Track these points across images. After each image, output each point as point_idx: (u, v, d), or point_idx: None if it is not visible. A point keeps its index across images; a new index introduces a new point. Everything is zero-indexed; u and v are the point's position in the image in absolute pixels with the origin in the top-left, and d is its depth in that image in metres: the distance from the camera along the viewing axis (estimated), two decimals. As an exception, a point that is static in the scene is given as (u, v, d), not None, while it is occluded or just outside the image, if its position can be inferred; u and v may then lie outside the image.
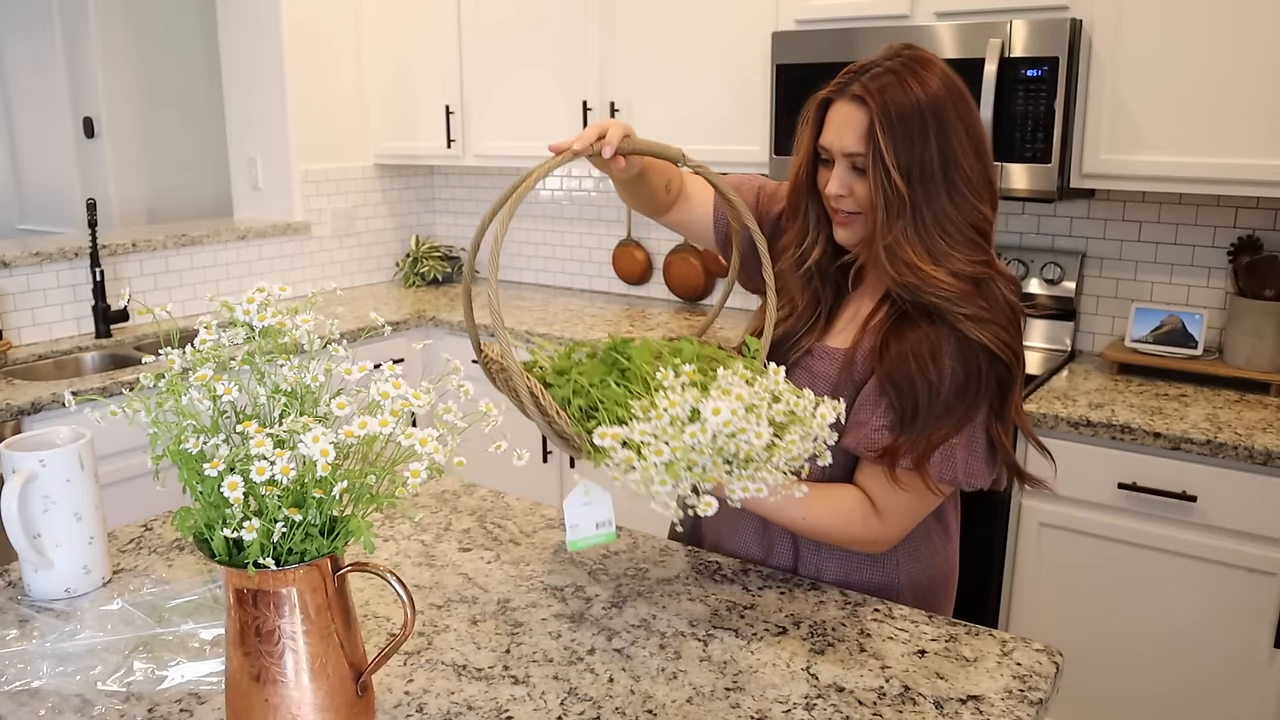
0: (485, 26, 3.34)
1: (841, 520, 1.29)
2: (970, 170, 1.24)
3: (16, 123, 4.86)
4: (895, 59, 1.25)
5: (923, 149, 1.22)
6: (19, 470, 1.23)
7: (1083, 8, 2.29)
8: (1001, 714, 1.05)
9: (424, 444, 0.91)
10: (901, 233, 1.23)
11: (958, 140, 1.23)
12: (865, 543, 1.31)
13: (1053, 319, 2.71)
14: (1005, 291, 1.25)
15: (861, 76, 1.25)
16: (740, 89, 2.82)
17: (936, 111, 1.22)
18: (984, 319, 1.22)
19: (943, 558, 1.42)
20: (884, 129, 1.22)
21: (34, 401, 2.39)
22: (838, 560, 1.37)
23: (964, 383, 1.23)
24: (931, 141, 1.22)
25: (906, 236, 1.23)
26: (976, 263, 1.24)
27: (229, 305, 0.97)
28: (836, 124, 1.27)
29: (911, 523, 1.32)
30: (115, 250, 3.07)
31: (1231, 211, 2.48)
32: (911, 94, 1.22)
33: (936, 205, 1.23)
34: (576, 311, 3.34)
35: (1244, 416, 2.15)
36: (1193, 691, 2.13)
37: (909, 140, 1.22)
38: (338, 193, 3.72)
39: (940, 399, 1.23)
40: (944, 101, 1.23)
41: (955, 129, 1.23)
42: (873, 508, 1.29)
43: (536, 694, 1.08)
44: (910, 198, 1.22)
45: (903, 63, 1.24)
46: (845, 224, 1.31)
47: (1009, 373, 1.25)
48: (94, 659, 1.14)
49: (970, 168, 1.24)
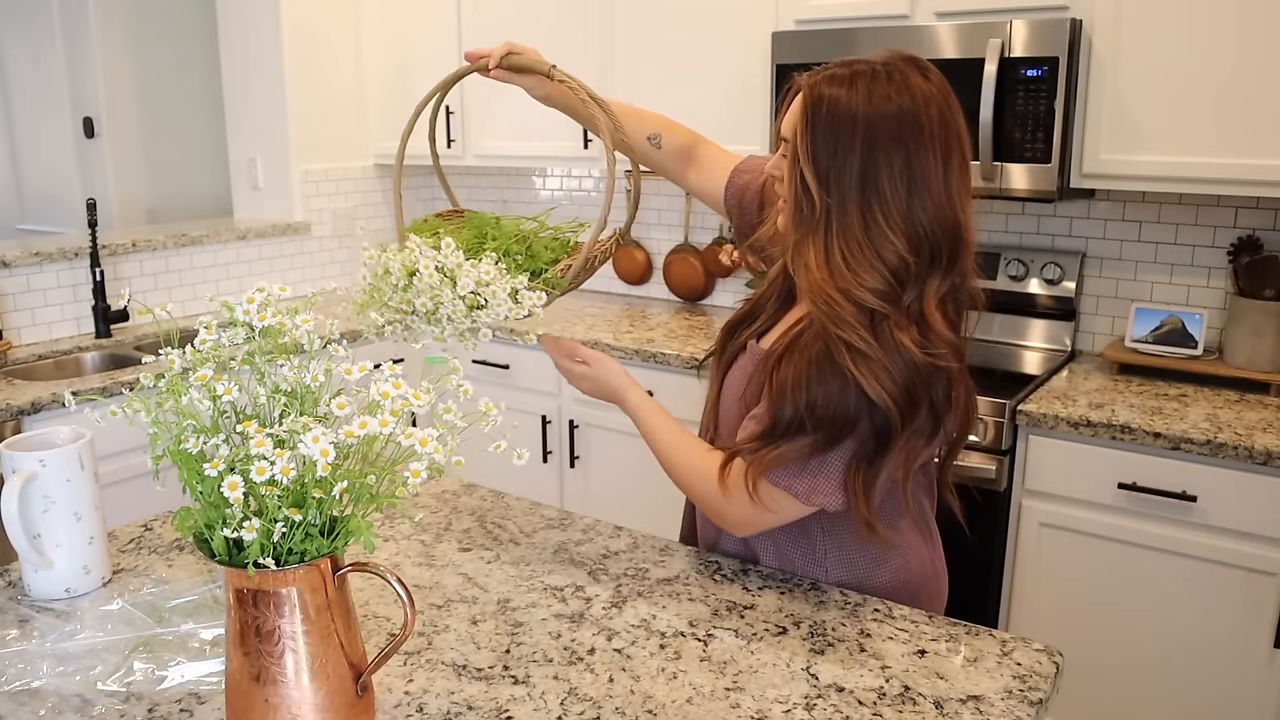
0: (485, 27, 3.34)
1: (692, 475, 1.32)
2: (893, 203, 1.15)
3: (16, 123, 4.86)
4: (876, 64, 1.19)
5: (845, 159, 1.16)
6: (19, 470, 1.23)
7: (1083, 8, 2.29)
8: (1001, 714, 1.05)
9: (424, 444, 0.91)
10: (809, 234, 1.19)
11: (885, 165, 1.15)
12: (713, 511, 1.31)
13: (1053, 319, 2.71)
14: (904, 340, 1.14)
15: (825, 69, 1.21)
16: (740, 89, 2.82)
17: (872, 127, 1.15)
18: (867, 355, 1.14)
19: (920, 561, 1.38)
20: (809, 125, 1.18)
21: (34, 401, 2.39)
22: (813, 563, 1.36)
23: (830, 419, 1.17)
24: (855, 156, 1.15)
25: (814, 241, 1.19)
26: (876, 295, 1.15)
27: (229, 305, 0.97)
28: (787, 109, 1.24)
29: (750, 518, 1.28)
30: (115, 250, 3.07)
31: (1231, 211, 2.48)
32: (853, 101, 1.16)
33: (847, 222, 1.16)
34: (576, 311, 3.34)
35: (1244, 416, 2.15)
36: (1193, 691, 2.13)
37: (832, 145, 1.16)
38: (338, 193, 3.72)
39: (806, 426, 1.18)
40: (888, 122, 1.15)
41: (889, 154, 1.15)
42: (722, 478, 1.27)
43: (536, 694, 1.08)
44: (822, 201, 1.17)
45: (876, 69, 1.18)
46: (780, 210, 1.28)
47: (887, 427, 1.16)
48: (94, 659, 1.14)
49: (894, 199, 1.15)
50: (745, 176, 1.55)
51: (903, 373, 1.14)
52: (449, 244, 1.28)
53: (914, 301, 1.17)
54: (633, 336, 2.94)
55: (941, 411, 1.19)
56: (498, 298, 1.27)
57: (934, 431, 1.20)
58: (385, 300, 1.31)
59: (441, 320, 1.28)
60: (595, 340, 2.90)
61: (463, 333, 1.30)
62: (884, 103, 1.16)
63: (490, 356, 3.16)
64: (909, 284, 1.17)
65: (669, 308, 3.41)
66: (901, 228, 1.16)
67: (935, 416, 1.19)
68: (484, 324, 1.29)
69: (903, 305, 1.17)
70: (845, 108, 1.16)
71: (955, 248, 1.18)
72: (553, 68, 1.44)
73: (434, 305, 1.27)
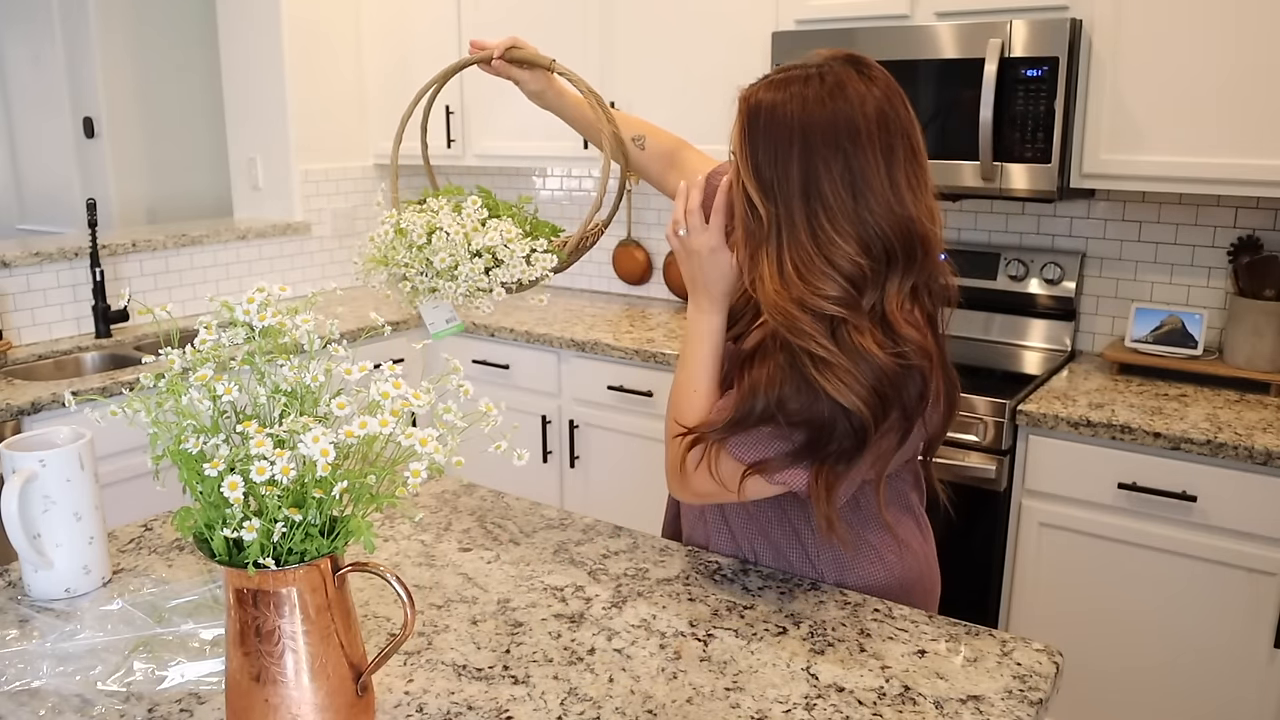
0: (485, 27, 3.33)
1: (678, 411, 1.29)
2: (837, 208, 1.14)
3: (16, 123, 4.86)
4: (811, 68, 1.18)
5: (785, 167, 1.15)
6: (19, 470, 1.23)
7: (1083, 8, 2.29)
8: (1001, 714, 1.05)
9: (424, 444, 0.91)
10: (760, 246, 1.18)
11: (828, 172, 1.14)
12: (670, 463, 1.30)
13: (1053, 319, 2.71)
14: (866, 343, 1.13)
15: (766, 78, 1.20)
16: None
17: (809, 133, 1.14)
18: (830, 363, 1.13)
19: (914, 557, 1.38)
20: (747, 135, 1.17)
21: (34, 401, 2.39)
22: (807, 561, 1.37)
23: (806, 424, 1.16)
24: (794, 163, 1.14)
25: (766, 253, 1.17)
26: (832, 302, 1.13)
27: (229, 305, 0.97)
28: None
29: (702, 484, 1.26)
30: (115, 250, 3.07)
31: (1231, 211, 2.48)
32: (789, 108, 1.15)
33: (795, 231, 1.15)
34: (576, 311, 3.34)
35: (1244, 416, 2.15)
36: (1193, 691, 2.13)
37: (772, 154, 1.15)
38: (338, 193, 3.72)
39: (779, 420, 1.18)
40: (825, 129, 1.14)
41: (828, 160, 1.14)
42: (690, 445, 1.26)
43: (536, 694, 1.08)
44: (767, 211, 1.16)
45: (810, 73, 1.17)
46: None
47: (864, 428, 1.15)
48: (94, 659, 1.14)
49: (839, 206, 1.14)
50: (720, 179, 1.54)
51: (869, 376, 1.13)
52: (474, 201, 1.37)
53: (875, 304, 1.16)
54: (633, 336, 2.94)
55: (913, 412, 1.18)
56: (515, 258, 1.34)
57: (905, 431, 1.20)
58: (398, 260, 1.37)
59: (458, 278, 1.34)
60: (595, 340, 2.90)
61: (474, 291, 1.36)
62: (817, 107, 1.14)
63: (490, 356, 3.16)
64: (866, 287, 1.15)
65: (669, 308, 3.41)
66: (850, 232, 1.14)
67: (906, 416, 1.18)
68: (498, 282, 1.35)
69: (863, 309, 1.15)
70: (781, 115, 1.15)
71: (910, 245, 1.16)
72: (553, 61, 1.48)
73: (453, 263, 1.33)
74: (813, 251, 1.14)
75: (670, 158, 1.63)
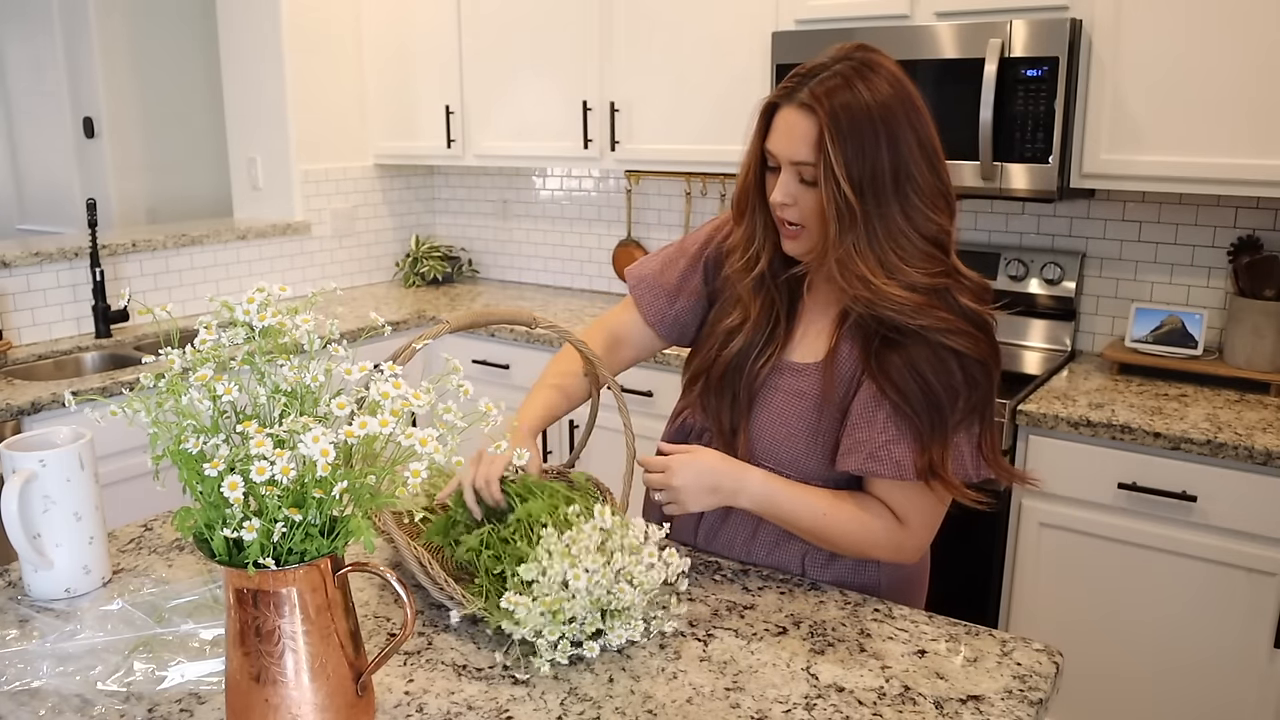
0: (485, 26, 3.34)
1: (861, 528, 1.29)
2: (923, 180, 1.20)
3: (16, 123, 4.86)
4: (844, 62, 1.20)
5: (874, 159, 1.17)
6: (19, 470, 1.23)
7: (1083, 8, 2.29)
8: (1001, 714, 1.05)
9: (424, 444, 0.91)
10: (853, 245, 1.19)
11: (908, 149, 1.19)
12: (890, 549, 1.31)
13: (1053, 319, 2.71)
14: (967, 301, 1.23)
15: (809, 81, 1.20)
16: (740, 89, 2.82)
17: (887, 119, 1.18)
18: (950, 329, 1.21)
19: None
20: (834, 139, 1.17)
21: (34, 401, 2.39)
22: (811, 559, 1.37)
23: (958, 390, 1.22)
24: (883, 151, 1.17)
25: (859, 250, 1.19)
26: (934, 274, 1.21)
27: (229, 305, 0.96)
28: (784, 130, 1.22)
29: (935, 525, 1.32)
30: (115, 250, 3.07)
31: (1231, 211, 2.48)
32: (861, 101, 1.17)
33: (889, 218, 1.19)
34: (576, 311, 3.34)
35: (1244, 416, 2.15)
36: (1193, 691, 2.13)
37: (860, 151, 1.17)
38: (338, 193, 3.72)
39: (949, 408, 1.22)
40: (895, 109, 1.18)
41: (907, 137, 1.19)
42: (894, 516, 1.29)
43: (536, 694, 1.08)
44: (862, 210, 1.18)
45: (853, 66, 1.19)
46: (793, 236, 1.27)
47: (988, 376, 1.24)
48: (94, 659, 1.14)
49: (923, 178, 1.20)
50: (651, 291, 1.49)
51: (980, 327, 1.23)
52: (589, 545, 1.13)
53: None
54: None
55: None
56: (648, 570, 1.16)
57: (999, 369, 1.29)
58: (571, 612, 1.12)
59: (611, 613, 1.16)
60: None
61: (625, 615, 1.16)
62: (883, 92, 1.19)
63: (490, 356, 3.16)
64: (949, 246, 1.24)
65: (669, 308, 3.41)
66: (934, 199, 1.21)
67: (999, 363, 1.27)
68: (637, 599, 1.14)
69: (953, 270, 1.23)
70: (861, 112, 1.18)
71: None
72: (535, 317, 1.36)
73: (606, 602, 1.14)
74: (907, 232, 1.20)
75: (609, 347, 1.54)
